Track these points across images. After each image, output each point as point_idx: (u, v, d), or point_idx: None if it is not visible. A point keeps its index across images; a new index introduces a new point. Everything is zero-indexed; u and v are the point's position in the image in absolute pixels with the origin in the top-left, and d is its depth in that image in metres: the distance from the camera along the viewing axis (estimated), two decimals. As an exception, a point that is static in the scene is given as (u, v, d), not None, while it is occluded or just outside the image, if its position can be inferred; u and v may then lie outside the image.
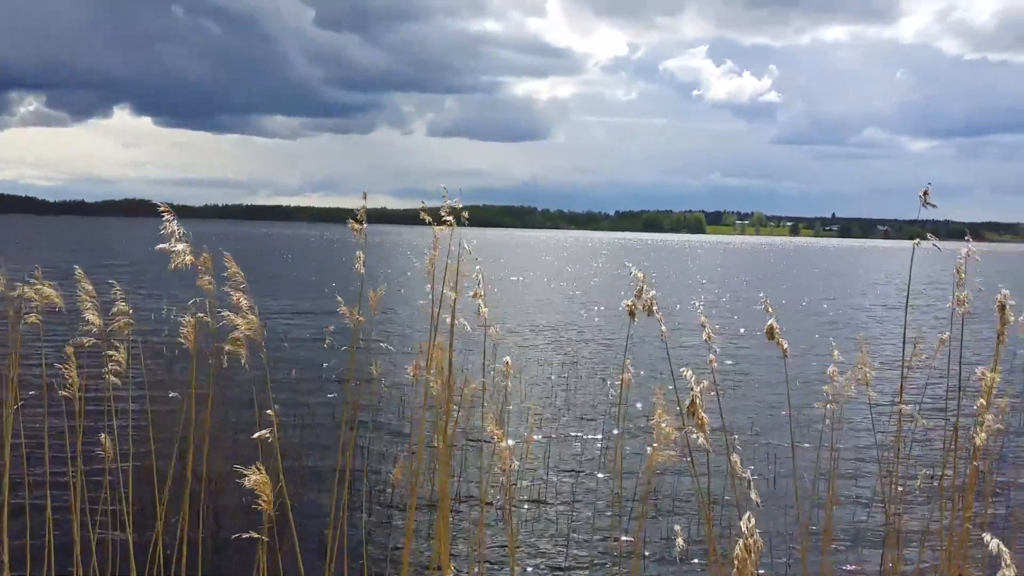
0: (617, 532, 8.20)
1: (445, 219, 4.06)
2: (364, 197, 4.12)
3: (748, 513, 2.22)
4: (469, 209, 4.15)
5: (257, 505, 3.41)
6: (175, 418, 5.33)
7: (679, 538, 3.49)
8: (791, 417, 6.17)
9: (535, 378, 15.87)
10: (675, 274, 56.31)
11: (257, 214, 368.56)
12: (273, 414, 3.63)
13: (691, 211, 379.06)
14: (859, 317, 29.93)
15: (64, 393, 4.26)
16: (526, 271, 55.45)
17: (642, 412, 11.73)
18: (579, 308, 30.39)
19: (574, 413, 13.17)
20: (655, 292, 3.89)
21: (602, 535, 8.12)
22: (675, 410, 3.61)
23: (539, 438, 11.35)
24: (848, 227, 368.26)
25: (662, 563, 7.51)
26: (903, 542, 6.90)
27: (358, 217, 4.09)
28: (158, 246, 3.78)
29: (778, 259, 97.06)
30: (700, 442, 3.17)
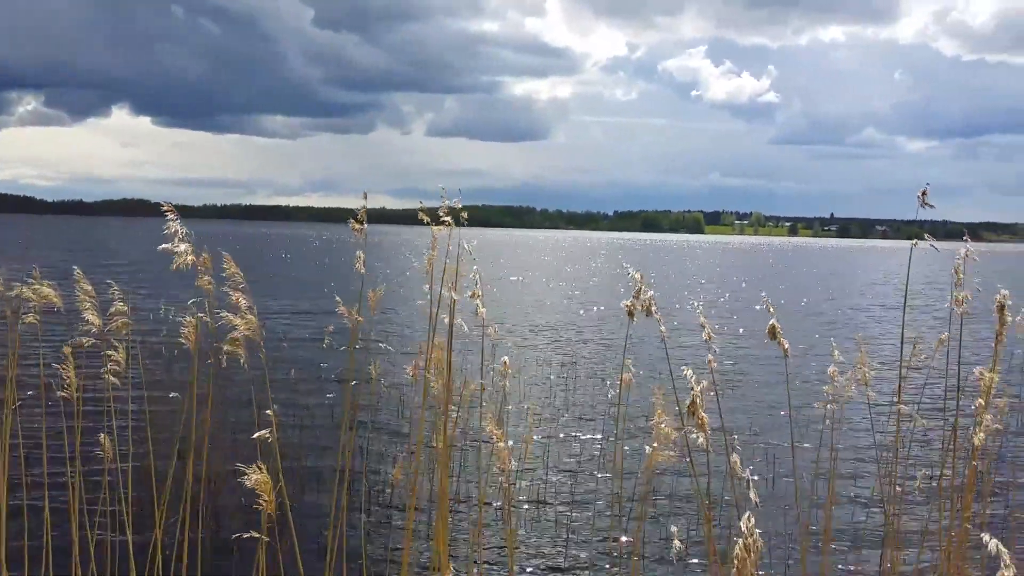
0: (616, 532, 8.20)
1: (443, 219, 4.06)
2: (365, 197, 4.11)
3: (748, 513, 2.22)
4: (468, 209, 4.15)
5: (257, 505, 3.40)
6: (174, 418, 5.33)
7: (678, 539, 3.49)
8: (791, 417, 6.18)
9: (534, 378, 15.87)
10: (674, 274, 56.33)
11: (256, 214, 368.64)
12: (272, 414, 3.63)
13: (690, 211, 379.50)
14: (858, 317, 29.93)
15: (62, 393, 4.26)
16: (525, 271, 55.45)
17: (641, 412, 11.72)
18: (578, 308, 30.39)
19: (573, 413, 13.16)
20: (653, 292, 3.89)
21: (601, 535, 8.12)
22: (674, 410, 3.61)
23: (538, 438, 11.34)
24: (847, 227, 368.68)
25: (661, 563, 7.51)
26: (902, 542, 6.90)
27: (359, 217, 4.08)
28: (161, 246, 3.78)
29: (777, 259, 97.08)
30: (699, 442, 3.17)
